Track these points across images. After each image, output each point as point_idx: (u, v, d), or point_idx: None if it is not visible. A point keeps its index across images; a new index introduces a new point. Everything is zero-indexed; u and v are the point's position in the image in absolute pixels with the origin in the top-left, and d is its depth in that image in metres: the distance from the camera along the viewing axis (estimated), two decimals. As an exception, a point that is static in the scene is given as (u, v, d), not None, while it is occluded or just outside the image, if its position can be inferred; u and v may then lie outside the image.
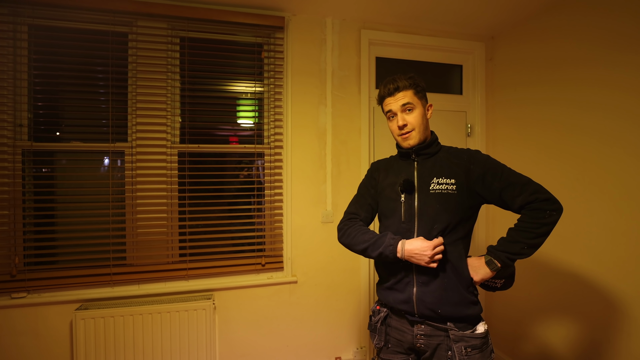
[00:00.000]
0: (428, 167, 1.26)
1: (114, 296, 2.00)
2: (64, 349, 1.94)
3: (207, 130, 2.20)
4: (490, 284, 1.28)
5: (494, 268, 1.19)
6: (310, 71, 2.26)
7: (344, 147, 2.32)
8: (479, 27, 2.41)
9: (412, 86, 1.25)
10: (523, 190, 1.16)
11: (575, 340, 1.93)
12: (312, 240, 2.28)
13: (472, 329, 1.20)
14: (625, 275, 1.70)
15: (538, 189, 1.16)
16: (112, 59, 2.02)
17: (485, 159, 1.24)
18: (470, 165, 1.22)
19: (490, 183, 1.19)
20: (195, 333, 2.01)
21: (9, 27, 1.90)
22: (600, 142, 1.81)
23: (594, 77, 1.83)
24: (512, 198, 1.18)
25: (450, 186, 1.21)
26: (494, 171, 1.20)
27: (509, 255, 1.17)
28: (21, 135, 1.94)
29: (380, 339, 1.31)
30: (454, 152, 1.28)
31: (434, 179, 1.23)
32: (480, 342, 1.19)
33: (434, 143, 1.30)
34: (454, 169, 1.23)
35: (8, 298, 1.88)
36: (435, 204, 1.21)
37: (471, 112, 2.56)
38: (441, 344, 1.21)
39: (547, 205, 1.14)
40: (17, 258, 1.90)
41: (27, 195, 1.96)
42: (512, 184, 1.18)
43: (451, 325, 1.19)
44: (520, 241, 1.16)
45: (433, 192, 1.22)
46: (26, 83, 1.94)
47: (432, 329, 1.22)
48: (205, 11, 2.09)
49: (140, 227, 2.06)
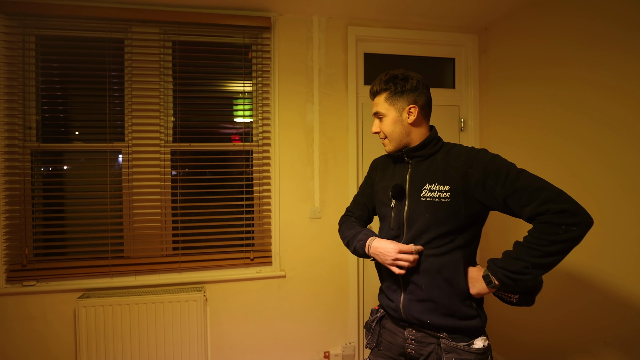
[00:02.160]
0: (422, 171, 1.15)
1: (112, 286, 2.13)
2: (70, 333, 2.10)
3: (198, 130, 2.30)
4: (504, 297, 1.13)
5: (491, 285, 1.05)
6: (297, 69, 2.30)
7: (332, 144, 2.35)
8: (470, 18, 2.35)
9: (385, 90, 1.17)
10: (532, 199, 0.98)
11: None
12: (300, 236, 2.33)
13: (469, 342, 1.10)
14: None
15: (551, 197, 0.96)
16: (109, 64, 2.16)
17: (488, 160, 1.06)
18: (468, 168, 1.07)
19: (493, 189, 1.03)
20: (187, 323, 2.11)
21: (18, 38, 2.08)
22: (597, 149, 1.70)
23: (591, 79, 1.72)
24: (519, 208, 1.01)
25: (444, 193, 1.08)
26: (496, 175, 1.03)
27: (508, 273, 1.00)
28: (30, 136, 2.12)
29: (373, 339, 1.28)
30: (455, 153, 1.13)
31: (427, 184, 1.12)
32: (475, 357, 1.08)
33: (429, 143, 1.17)
34: (449, 174, 1.09)
35: (20, 286, 2.06)
36: (425, 213, 1.10)
37: (464, 106, 2.50)
38: (432, 352, 1.13)
39: (562, 219, 0.94)
40: (26, 249, 2.08)
41: (35, 192, 2.14)
42: (518, 191, 1.00)
43: (444, 334, 1.11)
44: (523, 259, 0.98)
45: (424, 200, 1.11)
46: (34, 89, 2.12)
47: (423, 335, 1.15)
48: (195, 15, 2.18)
49: (137, 222, 2.19)
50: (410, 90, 1.16)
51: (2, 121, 2.03)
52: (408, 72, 1.18)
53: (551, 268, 0.98)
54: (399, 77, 1.16)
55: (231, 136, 2.35)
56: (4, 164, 2.04)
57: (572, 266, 1.82)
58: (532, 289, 1.08)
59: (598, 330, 1.70)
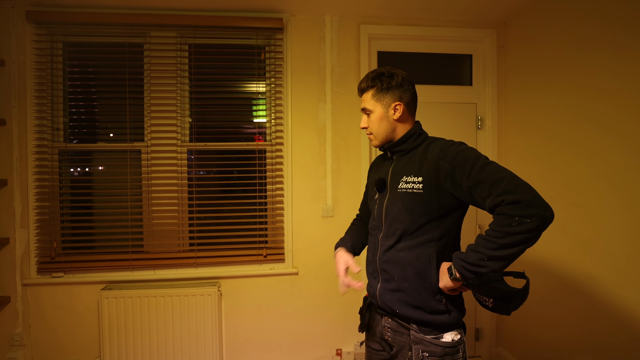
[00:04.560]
0: (402, 165, 1.20)
1: (133, 279, 2.24)
2: (94, 322, 2.22)
3: (213, 130, 2.36)
4: (480, 300, 1.12)
5: (453, 277, 1.06)
6: (309, 69, 2.32)
7: (344, 142, 2.35)
8: (489, 13, 2.28)
9: (371, 87, 1.21)
10: (492, 190, 0.98)
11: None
12: (313, 234, 2.35)
13: (437, 335, 1.12)
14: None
15: (509, 189, 0.95)
16: (129, 67, 2.26)
17: (457, 153, 1.08)
18: (439, 160, 1.10)
19: (460, 181, 1.05)
20: (202, 316, 2.19)
21: (47, 45, 2.21)
22: (622, 136, 1.60)
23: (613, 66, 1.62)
24: (482, 199, 1.01)
25: (417, 185, 1.12)
26: (463, 166, 1.04)
27: (466, 265, 1.01)
28: (58, 137, 2.26)
29: (363, 325, 1.33)
30: (432, 146, 1.16)
31: (404, 177, 1.16)
32: (441, 350, 1.10)
33: (410, 138, 1.20)
34: (423, 166, 1.13)
35: (49, 277, 2.21)
36: (400, 203, 1.16)
37: (482, 103, 2.43)
38: (406, 342, 1.17)
39: (516, 210, 0.93)
40: (55, 243, 2.22)
41: (63, 189, 2.27)
42: (480, 182, 1.00)
43: (414, 326, 1.14)
44: (479, 251, 0.99)
45: (399, 191, 1.16)
46: (62, 92, 2.25)
47: (397, 325, 1.20)
48: (209, 18, 2.24)
49: (155, 218, 2.28)
50: (396, 87, 1.19)
51: (32, 123, 2.17)
52: (394, 69, 1.22)
53: (508, 261, 0.97)
54: (384, 74, 1.20)
55: (244, 136, 2.40)
56: (35, 163, 2.18)
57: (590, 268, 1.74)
58: (508, 296, 1.05)
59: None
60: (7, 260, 2.16)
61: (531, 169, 2.12)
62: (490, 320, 2.47)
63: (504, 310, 1.08)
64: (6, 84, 2.14)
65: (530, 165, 2.14)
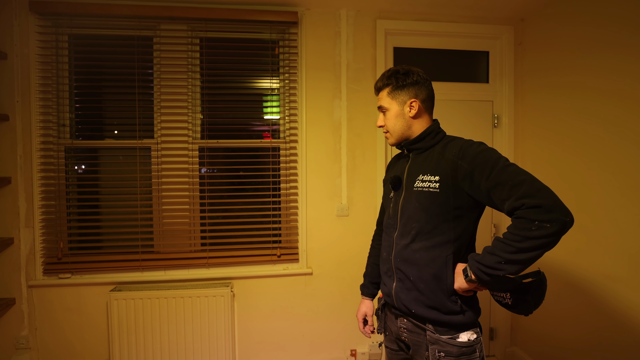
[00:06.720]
0: (418, 163, 1.19)
1: (143, 280, 2.18)
2: (103, 324, 2.16)
3: (225, 126, 2.29)
4: (498, 299, 1.10)
5: (468, 279, 1.05)
6: (324, 65, 2.26)
7: (360, 140, 2.30)
8: (507, 9, 2.24)
9: (387, 85, 1.22)
10: (512, 193, 0.97)
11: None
12: (327, 234, 2.31)
13: (454, 335, 1.12)
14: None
15: (530, 192, 0.94)
16: (139, 62, 2.18)
17: (477, 153, 1.06)
18: (458, 160, 1.08)
19: (479, 182, 1.03)
20: (215, 318, 2.13)
21: (52, 38, 2.12)
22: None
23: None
24: (500, 201, 1.00)
25: (433, 184, 1.11)
26: (483, 167, 1.02)
27: (482, 267, 1.01)
28: (64, 134, 2.17)
29: (380, 326, 1.34)
30: (451, 145, 1.14)
31: (420, 175, 1.16)
32: (458, 350, 1.10)
33: (427, 136, 1.20)
34: (441, 165, 1.12)
35: (56, 278, 2.13)
36: (415, 202, 1.15)
37: (498, 101, 2.40)
38: (423, 342, 1.17)
39: (536, 215, 0.92)
40: (61, 243, 2.15)
41: (69, 187, 2.19)
42: (500, 184, 0.99)
43: (430, 326, 1.14)
44: (497, 254, 0.98)
45: (415, 190, 1.15)
46: (67, 87, 2.16)
47: (412, 325, 1.20)
48: (222, 11, 2.16)
49: (166, 218, 2.22)
50: (411, 85, 1.19)
51: (37, 119, 2.08)
52: (410, 67, 1.22)
53: (525, 265, 0.97)
54: (400, 72, 1.20)
55: (258, 133, 2.34)
56: (40, 161, 2.10)
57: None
58: (524, 287, 1.03)
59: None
60: (12, 261, 2.08)
61: (548, 172, 2.09)
62: (505, 320, 2.46)
63: (525, 305, 1.05)
64: (9, 78, 2.05)
65: (546, 168, 2.11)
